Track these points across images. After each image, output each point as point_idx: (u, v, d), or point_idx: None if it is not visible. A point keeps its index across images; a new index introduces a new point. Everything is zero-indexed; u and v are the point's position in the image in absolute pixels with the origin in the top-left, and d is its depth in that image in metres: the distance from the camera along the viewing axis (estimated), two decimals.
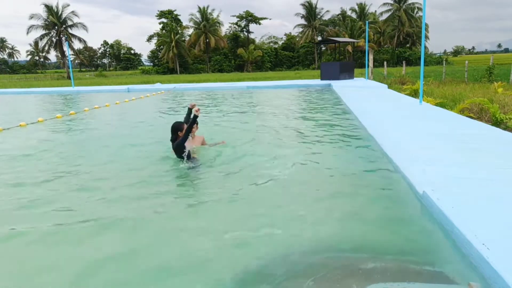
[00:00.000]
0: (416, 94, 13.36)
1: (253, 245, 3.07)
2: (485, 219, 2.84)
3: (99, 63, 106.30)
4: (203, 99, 15.79)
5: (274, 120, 9.60)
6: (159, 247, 3.09)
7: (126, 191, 4.49)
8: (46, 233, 3.43)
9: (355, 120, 8.51)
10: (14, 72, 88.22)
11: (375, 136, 6.17)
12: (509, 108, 9.35)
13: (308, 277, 2.50)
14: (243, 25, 71.51)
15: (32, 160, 6.17)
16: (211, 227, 3.43)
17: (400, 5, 64.45)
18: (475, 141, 5.44)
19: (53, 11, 59.66)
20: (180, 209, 3.94)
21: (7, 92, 25.21)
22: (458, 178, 3.80)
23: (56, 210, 3.96)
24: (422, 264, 2.63)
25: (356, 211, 3.67)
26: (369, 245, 2.98)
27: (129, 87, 23.07)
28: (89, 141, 7.71)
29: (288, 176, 4.73)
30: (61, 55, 63.37)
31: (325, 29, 67.41)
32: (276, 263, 2.75)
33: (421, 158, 4.62)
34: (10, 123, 10.03)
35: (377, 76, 24.79)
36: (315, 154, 5.86)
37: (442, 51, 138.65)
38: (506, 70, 21.58)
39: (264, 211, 3.74)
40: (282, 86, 20.84)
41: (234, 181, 4.75)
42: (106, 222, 3.59)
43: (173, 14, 70.61)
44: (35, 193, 4.51)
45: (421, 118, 7.99)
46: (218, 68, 66.75)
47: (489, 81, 18.45)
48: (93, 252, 3.04)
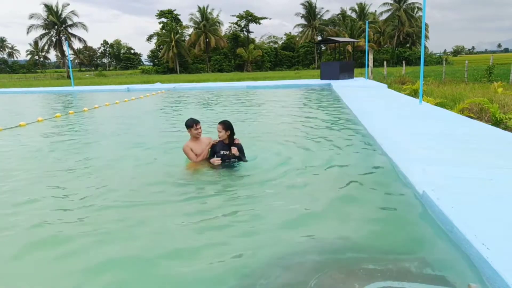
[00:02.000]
0: (416, 94, 13.36)
1: (253, 246, 3.07)
2: (485, 219, 2.84)
3: (99, 62, 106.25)
4: (203, 99, 15.80)
5: (273, 119, 9.60)
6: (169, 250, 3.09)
7: (127, 191, 4.49)
8: (45, 233, 3.43)
9: (355, 120, 8.51)
10: (14, 71, 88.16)
11: (375, 136, 6.17)
12: (509, 108, 9.35)
13: (308, 277, 2.50)
14: (243, 25, 71.53)
15: (31, 160, 6.16)
16: (213, 226, 3.43)
17: (400, 5, 64.46)
18: (475, 141, 5.44)
19: (53, 10, 59.64)
20: (183, 208, 3.93)
21: (6, 91, 25.20)
22: (458, 178, 3.80)
23: (56, 210, 3.96)
24: (421, 264, 2.62)
25: (355, 210, 3.67)
26: (368, 244, 2.98)
27: (129, 87, 23.06)
28: (89, 141, 7.70)
29: (287, 176, 4.73)
30: (61, 54, 63.37)
31: (325, 29, 67.42)
32: (276, 263, 2.74)
33: (421, 158, 4.62)
34: (10, 122, 10.03)
35: (377, 76, 24.79)
36: (315, 154, 5.85)
37: (442, 51, 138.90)
38: (506, 70, 21.58)
39: (264, 211, 3.74)
40: (282, 86, 20.84)
41: (231, 181, 4.74)
42: (106, 224, 3.58)
43: (173, 14, 70.61)
44: (34, 193, 4.51)
45: (421, 118, 7.99)
46: (218, 68, 66.76)
47: (489, 81, 18.46)
48: (95, 256, 3.04)
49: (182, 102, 15.39)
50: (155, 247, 3.08)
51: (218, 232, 3.31)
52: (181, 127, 9.13)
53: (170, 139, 7.53)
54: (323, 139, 6.89)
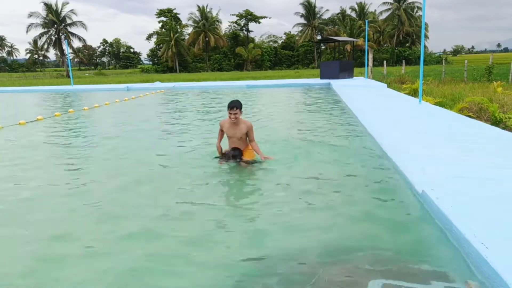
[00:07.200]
0: (416, 93, 13.36)
1: (253, 245, 3.08)
2: (484, 218, 2.85)
3: (98, 61, 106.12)
4: (203, 99, 15.79)
5: (273, 119, 9.60)
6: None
7: (128, 192, 4.50)
8: (43, 234, 3.43)
9: (354, 119, 8.51)
10: (13, 70, 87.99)
11: (374, 135, 6.17)
12: (509, 107, 9.36)
13: (308, 277, 2.50)
14: (242, 24, 71.46)
15: (31, 159, 6.16)
16: (213, 227, 3.43)
17: (400, 4, 64.44)
18: (474, 141, 5.44)
19: (53, 9, 59.55)
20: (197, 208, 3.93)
21: (6, 90, 25.16)
22: (457, 177, 3.80)
23: (56, 210, 3.96)
24: (420, 263, 2.63)
25: (355, 210, 3.67)
26: (367, 244, 2.99)
27: (128, 86, 23.03)
28: (89, 140, 7.69)
29: (285, 175, 4.73)
30: (60, 53, 63.31)
31: (324, 28, 67.40)
32: (276, 263, 2.75)
33: (420, 157, 4.63)
34: (10, 121, 10.02)
35: (377, 75, 24.80)
36: (313, 153, 5.86)
37: (442, 50, 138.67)
38: (506, 69, 21.59)
39: (263, 211, 3.74)
40: (282, 85, 20.83)
41: (230, 181, 4.75)
42: (108, 223, 3.59)
43: (172, 13, 70.55)
44: (34, 193, 4.51)
45: (421, 117, 8.00)
46: (217, 67, 66.73)
47: (488, 80, 18.46)
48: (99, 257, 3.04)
49: (182, 101, 15.38)
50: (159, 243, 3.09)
51: (218, 233, 3.32)
52: (181, 127, 9.14)
53: (170, 139, 7.53)
54: (322, 138, 6.90)
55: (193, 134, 7.87)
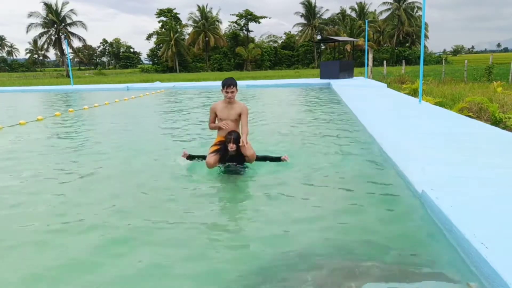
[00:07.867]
0: (416, 93, 13.36)
1: (253, 246, 3.08)
2: (484, 218, 2.85)
3: (98, 61, 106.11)
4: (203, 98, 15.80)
5: (273, 119, 9.60)
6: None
7: (128, 192, 4.50)
8: (43, 234, 3.43)
9: (354, 119, 8.52)
10: (13, 70, 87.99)
11: (374, 135, 6.18)
12: (508, 107, 9.36)
13: (308, 277, 2.51)
14: (242, 24, 71.47)
15: (31, 159, 6.16)
16: (212, 226, 3.44)
17: (400, 4, 64.47)
18: (474, 140, 5.44)
19: (53, 9, 59.57)
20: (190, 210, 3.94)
21: (6, 90, 25.16)
22: (457, 177, 3.80)
23: (56, 209, 3.96)
24: (420, 263, 2.63)
25: (354, 210, 3.67)
26: (367, 244, 2.98)
27: (128, 86, 23.03)
28: (89, 139, 7.69)
29: (285, 176, 4.73)
30: (60, 53, 63.33)
31: (324, 28, 67.43)
32: (276, 263, 2.75)
33: (420, 157, 4.63)
34: (10, 121, 10.02)
35: (377, 75, 24.80)
36: (313, 153, 5.86)
37: (442, 50, 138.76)
38: (506, 69, 21.59)
39: (263, 210, 3.74)
40: (282, 85, 20.84)
41: (228, 182, 4.75)
42: (108, 223, 3.59)
43: (172, 13, 70.56)
44: (34, 193, 4.51)
45: (421, 117, 8.00)
46: (217, 67, 66.76)
47: (488, 80, 18.46)
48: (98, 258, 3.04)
49: (182, 101, 15.38)
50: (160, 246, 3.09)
51: (217, 232, 3.32)
52: (180, 126, 9.14)
53: (170, 139, 7.53)
54: (322, 138, 6.90)
55: (193, 134, 7.87)
